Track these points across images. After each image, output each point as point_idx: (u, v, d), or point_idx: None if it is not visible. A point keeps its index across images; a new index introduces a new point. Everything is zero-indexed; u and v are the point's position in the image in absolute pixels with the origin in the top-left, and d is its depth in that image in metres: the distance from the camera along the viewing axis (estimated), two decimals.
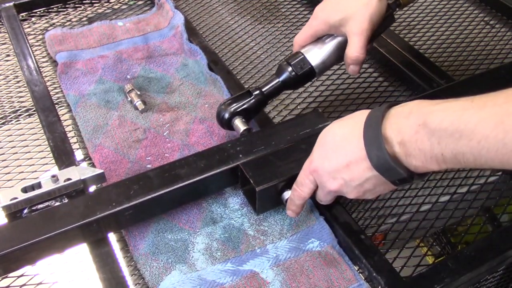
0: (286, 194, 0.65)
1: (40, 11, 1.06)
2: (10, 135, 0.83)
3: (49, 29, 1.01)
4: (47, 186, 0.64)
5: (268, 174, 0.65)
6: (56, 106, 0.83)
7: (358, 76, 0.93)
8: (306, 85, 0.91)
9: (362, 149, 0.52)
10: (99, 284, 0.60)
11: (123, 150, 0.77)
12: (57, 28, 0.98)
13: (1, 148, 0.80)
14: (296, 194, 0.63)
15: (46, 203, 0.64)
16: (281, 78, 0.75)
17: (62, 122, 0.79)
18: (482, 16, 1.07)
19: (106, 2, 1.11)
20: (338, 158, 0.55)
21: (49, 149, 0.75)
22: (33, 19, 1.05)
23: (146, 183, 0.65)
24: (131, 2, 1.11)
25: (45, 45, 0.97)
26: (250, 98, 0.74)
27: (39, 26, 1.04)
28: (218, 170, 0.67)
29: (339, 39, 0.75)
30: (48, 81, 0.90)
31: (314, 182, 0.60)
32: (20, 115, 0.86)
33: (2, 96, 0.90)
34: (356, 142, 0.53)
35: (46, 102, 0.82)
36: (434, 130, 0.46)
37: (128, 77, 0.90)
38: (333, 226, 0.67)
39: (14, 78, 0.93)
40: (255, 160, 0.68)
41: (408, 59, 0.91)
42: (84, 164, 0.77)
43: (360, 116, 0.55)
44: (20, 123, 0.85)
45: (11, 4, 1.02)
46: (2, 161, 0.78)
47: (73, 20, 1.05)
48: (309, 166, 0.60)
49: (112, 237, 0.67)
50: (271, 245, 0.66)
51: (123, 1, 1.12)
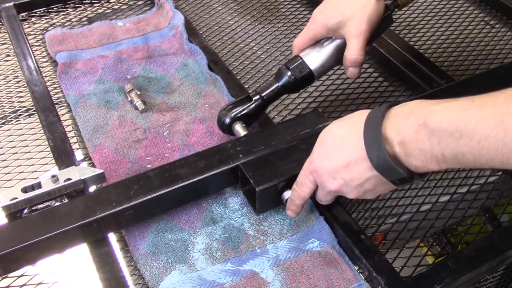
0: (286, 194, 0.65)
1: (40, 11, 1.06)
2: (10, 135, 0.83)
3: (49, 29, 1.01)
4: (47, 186, 0.64)
5: (268, 174, 0.65)
6: (56, 106, 0.83)
7: (358, 76, 0.93)
8: (306, 88, 0.91)
9: (362, 149, 0.52)
10: (99, 284, 0.60)
11: (123, 150, 0.77)
12: (57, 28, 0.98)
13: (1, 148, 0.80)
14: (296, 194, 0.63)
15: (46, 203, 0.64)
16: (280, 83, 0.75)
17: (62, 122, 0.79)
18: (482, 16, 1.07)
19: (106, 2, 1.11)
20: (338, 158, 0.55)
21: (49, 149, 0.75)
22: (33, 19, 1.05)
23: (146, 183, 0.65)
24: (131, 2, 1.11)
25: (45, 45, 0.97)
26: (250, 103, 0.74)
27: (39, 26, 1.04)
28: (218, 170, 0.67)
29: (338, 42, 0.75)
30: (48, 81, 0.90)
31: (314, 182, 0.60)
32: (20, 115, 0.86)
33: (2, 96, 0.90)
34: (356, 142, 0.53)
35: (46, 102, 0.82)
36: (434, 130, 0.46)
37: (128, 77, 0.90)
38: (333, 226, 0.67)
39: (14, 78, 0.93)
40: (255, 160, 0.68)
41: (408, 59, 0.91)
42: (84, 164, 0.77)
43: (360, 116, 0.55)
44: (20, 123, 0.85)
45: (11, 4, 1.02)
46: (2, 161, 0.78)
47: (73, 20, 1.05)
48: (309, 166, 0.60)
49: (112, 237, 0.67)
50: (271, 245, 0.66)
51: (123, 1, 1.12)
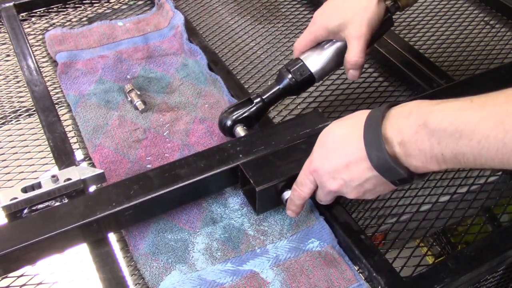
0: (286, 194, 0.65)
1: (40, 11, 1.06)
2: (10, 135, 0.83)
3: (49, 29, 1.01)
4: (47, 186, 0.64)
5: (268, 174, 0.65)
6: (56, 106, 0.83)
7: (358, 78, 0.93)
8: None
9: (362, 149, 0.52)
10: (99, 284, 0.60)
11: (123, 150, 0.77)
12: (57, 28, 0.98)
13: (1, 148, 0.80)
14: (296, 194, 0.63)
15: (46, 203, 0.64)
16: (281, 85, 0.75)
17: (62, 122, 0.79)
18: (482, 16, 1.07)
19: (106, 2, 1.11)
20: (338, 158, 0.55)
21: (49, 149, 0.75)
22: (33, 19, 1.05)
23: (146, 183, 0.65)
24: (131, 2, 1.11)
25: (45, 45, 0.97)
26: (251, 106, 0.74)
27: (39, 26, 1.04)
28: (218, 170, 0.67)
29: (338, 45, 0.75)
30: (48, 81, 0.90)
31: (314, 182, 0.60)
32: (20, 115, 0.86)
33: (2, 96, 0.90)
34: (356, 143, 0.53)
35: (46, 102, 0.82)
36: (434, 130, 0.46)
37: (128, 77, 0.90)
38: (333, 226, 0.67)
39: (14, 78, 0.93)
40: (255, 160, 0.68)
41: (408, 59, 0.91)
42: (84, 164, 0.77)
43: (360, 116, 0.55)
44: (20, 123, 0.85)
45: (11, 4, 1.02)
46: (2, 161, 0.78)
47: (73, 20, 1.05)
48: (309, 166, 0.60)
49: (112, 237, 0.67)
50: (271, 245, 0.66)
51: (123, 1, 1.12)
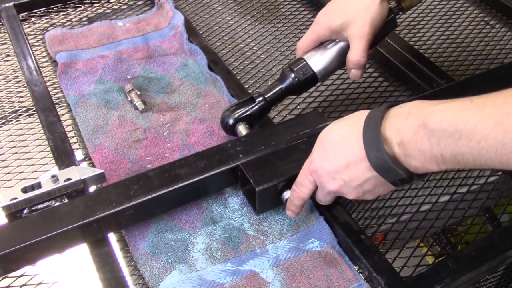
0: (286, 194, 0.65)
1: (40, 11, 1.06)
2: (10, 135, 0.83)
3: (49, 29, 1.01)
4: (47, 186, 0.64)
5: (268, 174, 0.65)
6: (56, 106, 0.83)
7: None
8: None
9: (362, 149, 0.52)
10: (99, 284, 0.60)
11: (123, 150, 0.77)
12: (57, 28, 0.98)
13: (1, 148, 0.80)
14: (295, 195, 0.63)
15: (46, 203, 0.64)
16: (284, 85, 0.75)
17: (62, 122, 0.79)
18: (482, 16, 1.07)
19: (106, 2, 1.11)
20: (338, 159, 0.55)
21: (49, 149, 0.75)
22: (33, 19, 1.05)
23: (146, 183, 0.65)
24: (131, 2, 1.11)
25: (45, 45, 0.97)
26: (253, 105, 0.74)
27: (39, 26, 1.04)
28: (218, 170, 0.67)
29: (341, 45, 0.75)
30: (48, 81, 0.90)
31: (314, 182, 0.60)
32: (20, 115, 0.86)
33: (2, 96, 0.90)
34: (355, 143, 0.53)
35: (46, 102, 0.82)
36: (433, 131, 0.46)
37: (128, 77, 0.90)
38: (333, 226, 0.67)
39: (14, 78, 0.93)
40: (255, 160, 0.68)
41: (408, 59, 0.91)
42: (84, 164, 0.77)
43: (359, 116, 0.55)
44: (20, 123, 0.85)
45: (11, 4, 1.02)
46: (2, 161, 0.78)
47: (73, 20, 1.05)
48: (308, 167, 0.60)
49: (112, 237, 0.67)
50: (271, 245, 0.66)
51: (123, 1, 1.12)
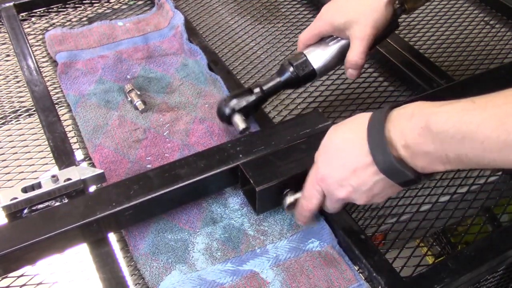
0: (288, 199, 0.64)
1: (40, 11, 1.06)
2: (10, 135, 0.83)
3: (49, 29, 1.01)
4: (47, 186, 0.64)
5: (268, 174, 0.65)
6: (56, 106, 0.83)
7: (357, 77, 0.93)
8: (306, 85, 0.91)
9: (368, 153, 0.52)
10: (99, 284, 0.60)
11: (123, 150, 0.77)
12: (57, 28, 0.98)
13: (1, 148, 0.80)
14: (304, 208, 0.61)
15: (46, 203, 0.64)
16: (282, 78, 0.75)
17: (62, 122, 0.79)
18: (482, 16, 1.07)
19: (106, 2, 1.11)
20: (345, 165, 0.54)
21: (49, 149, 0.75)
22: (33, 19, 1.05)
23: (146, 183, 0.65)
24: (131, 2, 1.11)
25: (45, 45, 0.97)
26: (251, 96, 0.75)
27: (39, 26, 1.04)
28: (218, 170, 0.67)
29: (343, 43, 0.75)
30: (48, 81, 0.90)
31: (322, 192, 0.59)
32: (20, 115, 0.86)
33: (2, 96, 0.90)
34: (360, 147, 0.52)
35: (46, 102, 0.82)
36: (436, 132, 0.46)
37: (128, 77, 0.90)
38: (333, 226, 0.67)
39: (14, 78, 0.93)
40: (255, 160, 0.68)
41: (408, 59, 0.91)
42: (84, 164, 0.77)
43: (361, 119, 0.54)
44: (20, 123, 0.85)
45: (11, 4, 1.02)
46: (2, 161, 0.78)
47: (73, 20, 1.05)
48: (315, 176, 0.59)
49: (112, 237, 0.67)
50: (271, 245, 0.66)
51: (123, 1, 1.12)
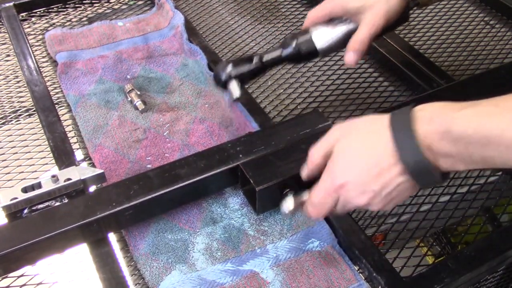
0: (288, 204, 0.62)
1: (40, 11, 1.06)
2: (10, 135, 0.83)
3: (49, 29, 1.01)
4: (47, 186, 0.64)
5: (268, 174, 0.65)
6: (56, 106, 0.83)
7: (358, 76, 0.93)
8: (306, 85, 0.91)
9: (393, 154, 0.51)
10: (99, 284, 0.60)
11: (123, 150, 0.77)
12: (57, 28, 0.98)
13: (1, 148, 0.80)
14: (312, 215, 0.60)
15: (46, 203, 0.64)
16: (284, 52, 0.73)
17: (62, 122, 0.79)
18: (482, 16, 1.07)
19: (106, 2, 1.11)
20: (369, 169, 0.53)
21: (49, 149, 0.75)
22: (33, 19, 1.05)
23: (146, 183, 0.65)
24: (131, 2, 1.11)
25: (45, 45, 0.97)
26: (249, 64, 0.73)
27: (39, 26, 1.04)
28: (218, 170, 0.67)
29: (350, 27, 0.73)
30: (48, 81, 0.90)
31: (337, 200, 0.57)
32: (20, 115, 0.86)
33: (2, 96, 0.90)
34: (384, 149, 0.51)
35: (46, 102, 0.82)
36: (459, 138, 0.46)
37: (128, 77, 0.90)
38: (333, 226, 0.67)
39: (14, 78, 0.93)
40: (255, 160, 0.68)
41: (408, 59, 0.91)
42: (84, 164, 0.77)
43: (375, 122, 0.53)
44: (20, 123, 0.85)
45: (11, 4, 1.02)
46: (2, 161, 0.78)
47: (73, 20, 1.05)
48: (332, 184, 0.56)
49: (112, 237, 0.67)
50: (271, 245, 0.66)
51: (123, 1, 1.12)
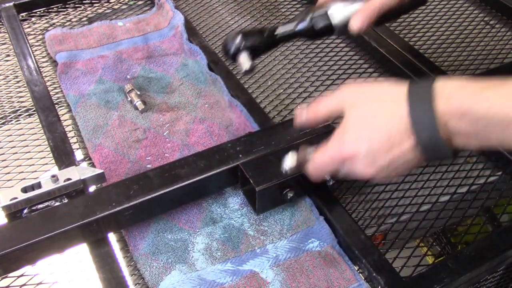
0: (291, 158, 0.62)
1: (40, 11, 1.06)
2: (10, 135, 0.83)
3: (49, 29, 1.01)
4: (47, 186, 0.64)
5: (268, 174, 0.65)
6: (56, 106, 0.83)
7: (358, 76, 0.93)
8: (306, 85, 0.91)
9: (407, 128, 0.50)
10: (99, 284, 0.60)
11: (123, 150, 0.77)
12: (57, 28, 0.98)
13: (1, 148, 0.80)
14: (314, 175, 0.59)
15: (46, 203, 0.64)
16: (298, 27, 0.71)
17: (62, 122, 0.79)
18: (482, 16, 1.07)
19: (106, 2, 1.11)
20: (381, 142, 0.51)
21: (49, 149, 0.75)
22: (33, 19, 1.05)
23: (146, 183, 0.65)
24: (131, 2, 1.11)
25: (45, 45, 0.97)
26: (261, 37, 0.71)
27: (39, 26, 1.04)
28: (218, 170, 0.67)
29: None
30: (48, 81, 0.90)
31: (340, 167, 0.56)
32: (20, 115, 0.86)
33: (2, 96, 0.90)
34: (398, 121, 0.50)
35: (46, 102, 0.82)
36: (479, 119, 0.46)
37: (128, 77, 0.90)
38: (333, 226, 0.67)
39: (14, 78, 0.93)
40: (255, 160, 0.68)
41: (408, 59, 0.91)
42: (84, 164, 0.77)
43: (390, 90, 0.52)
44: (20, 123, 0.85)
45: (11, 4, 1.02)
46: (2, 161, 0.78)
47: (73, 20, 1.05)
48: (340, 151, 0.54)
49: (112, 237, 0.67)
50: (271, 245, 0.66)
51: (123, 1, 1.12)
